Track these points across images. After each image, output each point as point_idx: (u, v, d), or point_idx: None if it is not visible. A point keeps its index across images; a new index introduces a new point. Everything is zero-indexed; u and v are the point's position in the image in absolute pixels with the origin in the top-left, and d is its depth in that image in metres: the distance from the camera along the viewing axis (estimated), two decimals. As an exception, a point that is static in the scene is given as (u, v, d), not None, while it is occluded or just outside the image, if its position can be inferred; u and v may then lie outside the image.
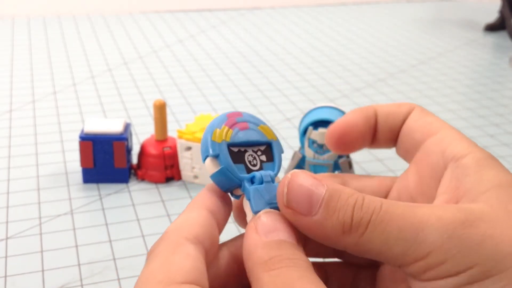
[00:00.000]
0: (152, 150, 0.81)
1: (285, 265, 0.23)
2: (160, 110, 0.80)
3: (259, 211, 0.26)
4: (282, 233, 0.24)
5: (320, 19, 1.76)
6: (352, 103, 1.13)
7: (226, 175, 0.26)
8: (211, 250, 0.25)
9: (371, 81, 1.26)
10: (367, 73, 1.31)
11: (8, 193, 0.79)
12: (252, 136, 0.27)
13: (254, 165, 0.27)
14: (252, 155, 0.27)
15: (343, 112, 0.74)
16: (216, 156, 0.26)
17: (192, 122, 0.85)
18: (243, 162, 0.27)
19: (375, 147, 0.31)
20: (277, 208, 0.26)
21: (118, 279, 0.62)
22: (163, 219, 0.73)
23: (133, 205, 0.76)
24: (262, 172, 0.26)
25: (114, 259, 0.66)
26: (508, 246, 0.23)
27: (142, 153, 0.82)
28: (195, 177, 0.81)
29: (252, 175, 0.26)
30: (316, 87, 1.22)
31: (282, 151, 0.28)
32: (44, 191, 0.79)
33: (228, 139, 0.27)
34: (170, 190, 0.80)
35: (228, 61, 1.36)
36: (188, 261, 0.23)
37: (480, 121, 1.06)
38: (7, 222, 0.72)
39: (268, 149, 0.28)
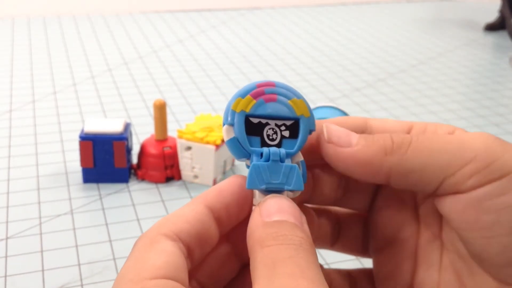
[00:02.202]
0: (152, 150, 0.81)
1: (279, 242, 0.23)
2: (160, 110, 0.80)
3: (252, 189, 0.25)
4: (284, 215, 0.24)
5: (320, 19, 1.76)
6: (352, 103, 1.13)
7: (236, 145, 0.26)
8: (199, 247, 0.25)
9: (371, 81, 1.26)
10: (367, 73, 1.31)
11: (8, 193, 0.79)
12: (277, 110, 0.26)
13: (273, 140, 0.26)
14: (273, 129, 0.26)
15: (343, 112, 0.74)
16: (231, 125, 0.26)
17: (192, 122, 0.84)
18: (261, 135, 0.26)
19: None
20: (274, 190, 0.25)
21: (118, 279, 0.62)
22: (163, 219, 0.74)
23: (133, 205, 0.76)
24: (272, 149, 0.26)
25: (114, 259, 0.66)
26: None
27: (142, 153, 0.82)
28: (195, 177, 0.81)
29: (261, 150, 0.26)
30: (316, 87, 1.22)
31: (312, 129, 0.27)
32: (44, 191, 0.79)
33: (247, 110, 0.26)
34: (170, 190, 0.80)
35: (228, 61, 1.36)
36: (162, 257, 0.23)
37: (480, 121, 1.07)
38: (7, 222, 0.72)
39: (296, 125, 0.27)
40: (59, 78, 1.22)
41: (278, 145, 0.27)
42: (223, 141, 0.81)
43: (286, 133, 0.27)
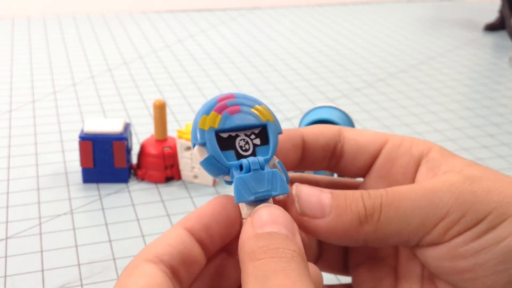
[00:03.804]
0: (152, 150, 0.81)
1: (269, 256, 0.23)
2: (160, 110, 0.80)
3: (242, 202, 0.25)
4: (276, 226, 0.24)
5: (320, 19, 1.76)
6: (352, 103, 1.13)
7: (213, 163, 0.26)
8: (184, 267, 0.25)
9: (371, 81, 1.26)
10: (367, 73, 1.31)
11: (8, 193, 0.79)
12: (244, 120, 0.26)
13: (246, 150, 0.26)
14: (244, 140, 0.26)
15: (342, 112, 0.74)
16: (203, 144, 0.26)
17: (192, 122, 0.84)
18: (233, 148, 0.26)
19: (306, 168, 0.30)
20: (263, 198, 0.25)
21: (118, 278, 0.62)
22: (163, 219, 0.74)
23: (133, 205, 0.76)
24: (250, 159, 0.26)
25: (114, 259, 0.66)
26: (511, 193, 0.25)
27: (142, 153, 0.82)
28: (195, 177, 0.81)
29: (239, 162, 0.26)
30: (316, 87, 1.22)
31: (279, 132, 0.27)
32: (44, 191, 0.79)
33: (216, 126, 0.26)
34: (170, 190, 0.80)
35: (228, 61, 1.36)
36: (142, 279, 0.23)
37: (480, 121, 1.07)
38: (7, 222, 0.72)
39: (264, 131, 0.27)
40: (59, 78, 1.22)
41: (253, 154, 0.27)
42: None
43: (257, 141, 0.27)
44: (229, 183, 0.26)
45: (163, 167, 0.81)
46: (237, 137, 0.26)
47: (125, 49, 1.43)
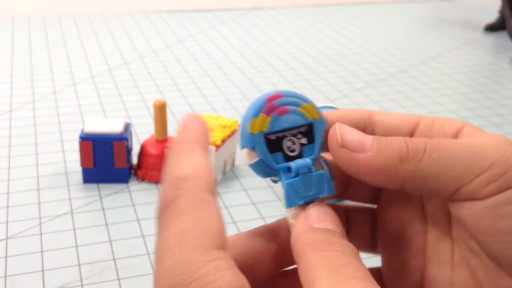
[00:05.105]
0: (152, 150, 0.81)
1: (333, 249, 0.23)
2: (160, 110, 0.80)
3: (292, 207, 0.26)
4: (330, 224, 0.25)
5: (320, 19, 1.76)
6: (352, 103, 1.13)
7: (262, 167, 0.26)
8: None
9: (371, 81, 1.26)
10: (367, 73, 1.31)
11: (8, 193, 0.79)
12: (292, 121, 0.26)
13: (293, 151, 0.26)
14: (291, 140, 0.27)
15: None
16: (252, 148, 0.26)
17: (192, 122, 0.85)
18: (281, 149, 0.26)
19: None
20: (310, 201, 0.26)
21: (118, 279, 0.62)
22: (163, 219, 0.74)
23: (133, 205, 0.76)
24: (298, 162, 0.26)
25: (114, 259, 0.66)
26: None
27: (142, 153, 0.82)
28: (195, 177, 0.81)
29: (288, 165, 0.26)
30: (316, 87, 1.22)
31: (325, 128, 0.27)
32: (44, 191, 0.79)
33: (265, 129, 0.26)
34: (170, 190, 0.80)
35: (228, 61, 1.36)
36: (218, 222, 0.22)
37: (480, 121, 1.07)
38: (7, 222, 0.72)
39: (310, 129, 0.27)
40: (59, 78, 1.22)
41: (300, 154, 0.27)
42: (223, 141, 0.81)
43: (304, 140, 0.27)
44: (276, 181, 0.27)
45: (163, 168, 0.81)
46: (284, 138, 0.26)
47: (125, 49, 1.43)
